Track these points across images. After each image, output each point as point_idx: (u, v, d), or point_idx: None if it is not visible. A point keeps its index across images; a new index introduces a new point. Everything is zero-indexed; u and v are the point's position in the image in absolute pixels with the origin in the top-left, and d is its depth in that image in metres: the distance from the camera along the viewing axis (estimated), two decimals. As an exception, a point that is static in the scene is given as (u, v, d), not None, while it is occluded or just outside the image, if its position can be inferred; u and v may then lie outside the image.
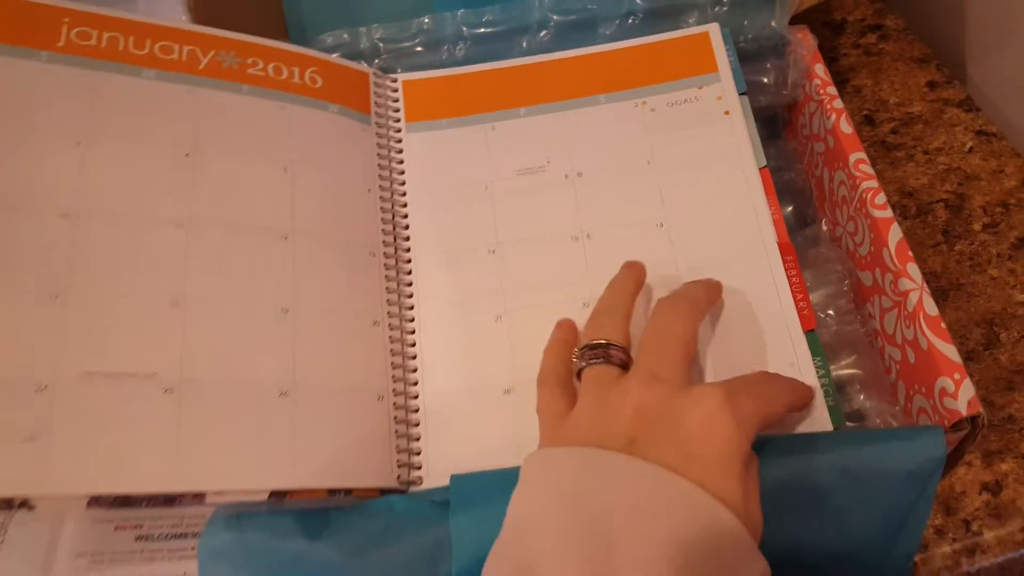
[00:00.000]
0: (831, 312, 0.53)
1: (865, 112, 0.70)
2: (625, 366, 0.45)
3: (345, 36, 0.61)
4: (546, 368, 0.49)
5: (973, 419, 0.45)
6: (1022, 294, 0.60)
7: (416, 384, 0.51)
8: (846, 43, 0.75)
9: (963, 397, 0.45)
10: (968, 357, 0.58)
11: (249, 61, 0.53)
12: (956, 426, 0.45)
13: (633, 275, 0.50)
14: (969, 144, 0.67)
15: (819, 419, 0.48)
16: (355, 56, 0.61)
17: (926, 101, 0.70)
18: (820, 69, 0.59)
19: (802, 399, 0.46)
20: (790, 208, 0.60)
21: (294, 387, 0.47)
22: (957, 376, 0.46)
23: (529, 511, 0.39)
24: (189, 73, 0.52)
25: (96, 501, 0.42)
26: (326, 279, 0.50)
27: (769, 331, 0.50)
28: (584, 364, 0.46)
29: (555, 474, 0.39)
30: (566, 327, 0.50)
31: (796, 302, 0.51)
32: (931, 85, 0.71)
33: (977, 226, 0.63)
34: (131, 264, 0.46)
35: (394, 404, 0.50)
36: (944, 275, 0.61)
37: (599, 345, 0.45)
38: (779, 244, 0.53)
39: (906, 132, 0.69)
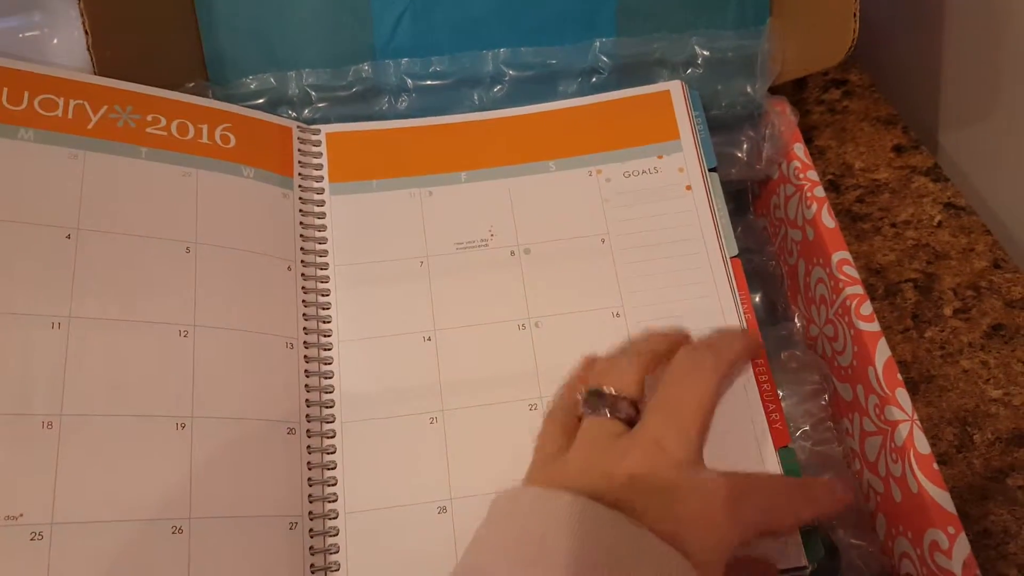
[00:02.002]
0: (807, 429, 0.44)
1: (830, 177, 0.61)
2: (631, 422, 0.37)
3: (272, 80, 0.50)
4: (557, 403, 0.41)
5: (968, 581, 0.37)
6: (995, 389, 0.52)
7: (335, 501, 0.41)
8: (809, 98, 0.66)
9: (958, 556, 0.37)
10: (940, 460, 0.49)
11: (149, 118, 0.42)
12: (949, 586, 0.37)
13: (676, 337, 0.41)
14: (938, 218, 0.59)
15: (794, 555, 0.39)
16: (282, 104, 0.50)
17: (893, 167, 0.62)
18: (800, 149, 0.49)
19: (823, 515, 0.38)
20: (758, 297, 0.50)
21: (189, 521, 0.36)
22: (951, 530, 0.37)
23: (489, 552, 0.33)
24: (76, 134, 0.40)
25: None
26: (233, 381, 0.39)
27: (735, 445, 0.41)
28: (588, 411, 0.38)
29: (526, 513, 0.33)
30: (588, 367, 0.41)
31: (767, 413, 0.42)
32: (898, 150, 0.62)
33: (948, 310, 0.55)
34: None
35: (309, 531, 0.39)
36: (914, 365, 0.53)
37: (606, 395, 0.37)
38: (749, 346, 0.44)
39: (872, 201, 0.60)
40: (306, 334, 0.43)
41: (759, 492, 0.35)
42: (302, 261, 0.44)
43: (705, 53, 0.51)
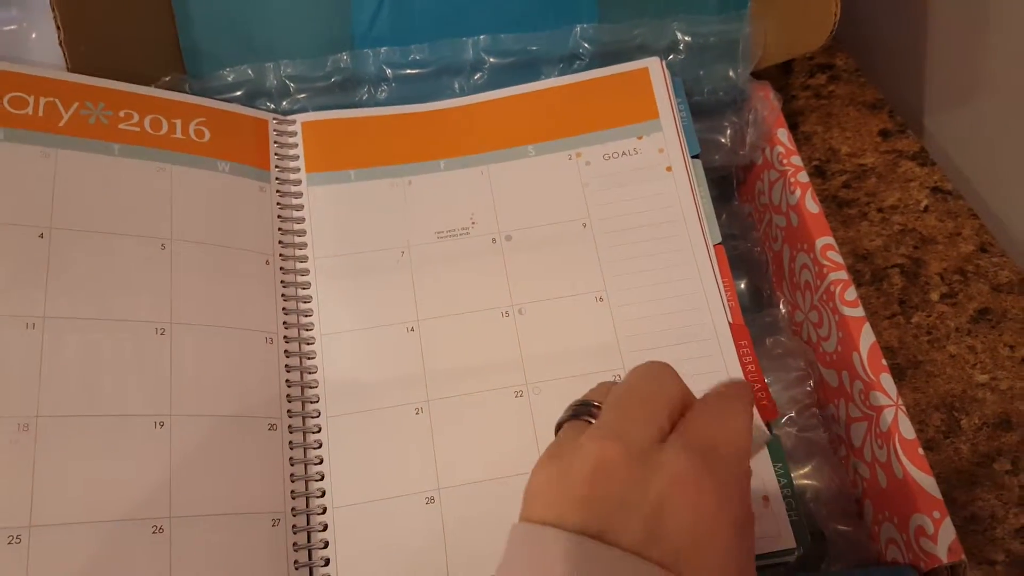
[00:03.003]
0: (792, 415, 0.44)
1: (816, 163, 0.61)
2: None
3: (249, 72, 0.50)
4: None
5: (953, 567, 0.37)
6: (982, 374, 0.52)
7: (322, 496, 0.41)
8: (795, 84, 0.66)
9: (943, 541, 0.37)
10: (927, 446, 0.49)
11: (121, 114, 0.41)
12: (934, 572, 0.37)
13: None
14: (924, 202, 0.59)
15: (783, 536, 0.39)
16: (260, 95, 0.50)
17: (879, 152, 0.62)
18: (783, 135, 0.49)
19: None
20: (744, 283, 0.50)
21: (170, 520, 0.36)
22: (936, 515, 0.37)
23: None
24: (47, 132, 0.40)
25: None
26: (211, 378, 0.39)
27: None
28: (568, 415, 0.34)
29: (538, 558, 0.29)
30: None
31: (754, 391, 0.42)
32: (884, 134, 0.62)
33: (935, 296, 0.55)
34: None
35: (293, 527, 0.39)
36: (901, 351, 0.53)
37: (591, 403, 0.34)
38: (731, 326, 0.44)
39: (859, 187, 0.60)
40: (286, 328, 0.43)
41: (709, 426, 0.32)
42: (280, 255, 0.44)
43: (687, 39, 0.50)
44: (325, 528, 0.40)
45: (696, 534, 0.29)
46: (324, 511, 0.40)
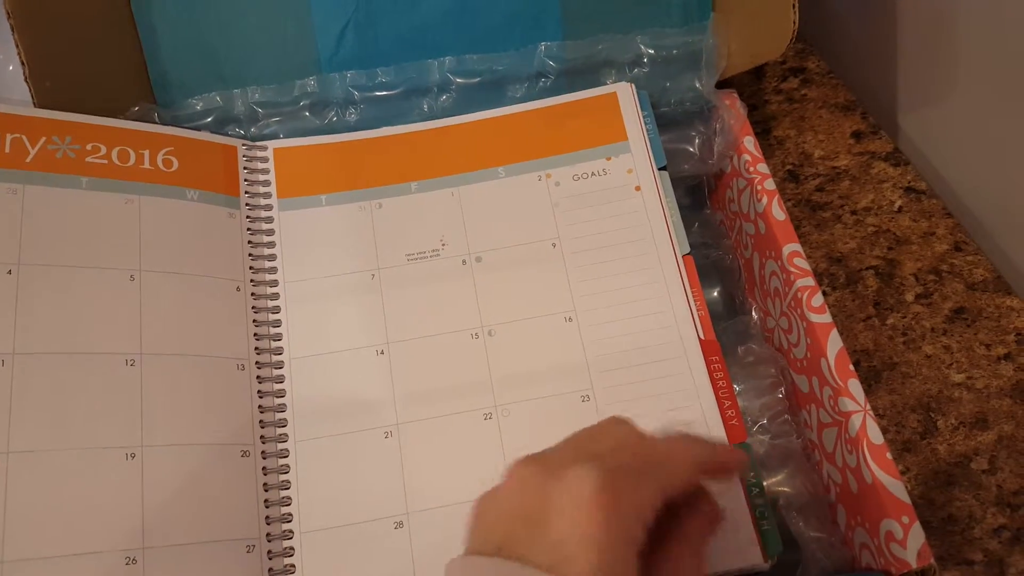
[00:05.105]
0: (764, 423, 0.44)
1: (789, 167, 0.62)
2: None
3: (218, 99, 0.50)
4: None
5: (923, 571, 0.37)
6: (958, 374, 0.52)
7: (291, 522, 0.41)
8: (767, 88, 0.66)
9: (912, 545, 0.37)
10: (904, 447, 0.50)
11: (89, 147, 0.42)
12: (905, 576, 0.37)
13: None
14: (898, 203, 0.59)
15: (752, 550, 0.39)
16: (230, 122, 0.50)
17: (852, 154, 0.62)
18: (750, 143, 0.49)
19: (722, 464, 0.35)
20: (717, 291, 0.51)
21: (143, 551, 0.37)
22: (905, 519, 0.37)
23: None
24: (14, 168, 0.40)
25: None
26: (183, 407, 0.40)
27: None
28: None
29: None
30: None
31: (723, 410, 0.42)
32: (857, 136, 0.63)
33: (910, 296, 0.55)
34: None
35: (268, 553, 0.39)
36: (877, 353, 0.53)
37: None
38: (702, 342, 0.44)
39: (832, 189, 0.60)
40: (258, 354, 0.43)
41: (640, 456, 0.33)
42: (251, 280, 0.44)
43: (651, 52, 0.51)
44: (293, 553, 0.40)
45: (583, 545, 0.29)
46: (292, 536, 0.41)
